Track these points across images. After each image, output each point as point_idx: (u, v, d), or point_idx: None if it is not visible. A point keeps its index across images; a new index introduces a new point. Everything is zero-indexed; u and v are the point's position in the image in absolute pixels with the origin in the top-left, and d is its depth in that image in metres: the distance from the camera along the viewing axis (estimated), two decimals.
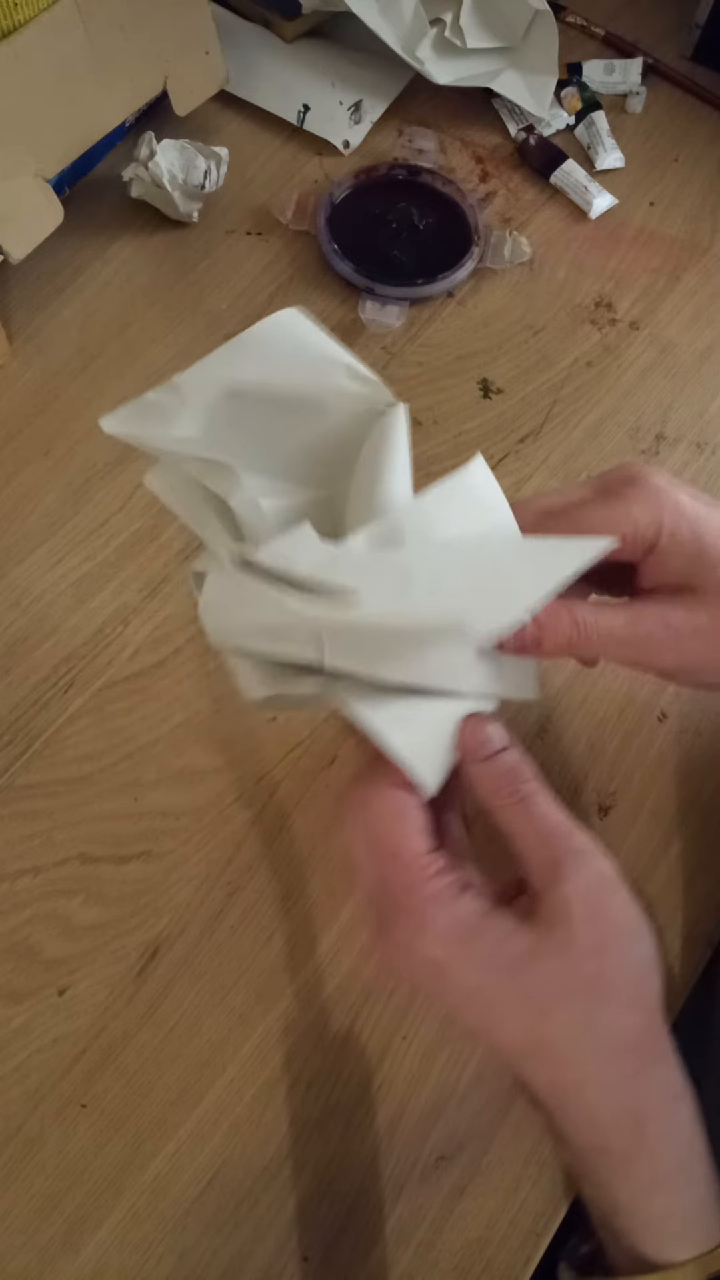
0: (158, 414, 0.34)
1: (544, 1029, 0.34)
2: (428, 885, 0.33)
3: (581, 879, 0.33)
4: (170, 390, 0.33)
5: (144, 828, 0.46)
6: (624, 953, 0.34)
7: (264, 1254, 0.40)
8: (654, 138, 0.68)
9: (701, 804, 0.49)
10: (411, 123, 0.67)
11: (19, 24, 0.51)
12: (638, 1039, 0.34)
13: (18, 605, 0.51)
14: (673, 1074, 0.35)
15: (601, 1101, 0.34)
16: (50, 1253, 0.40)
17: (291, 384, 0.34)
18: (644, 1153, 0.34)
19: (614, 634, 0.36)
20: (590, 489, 0.38)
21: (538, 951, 0.33)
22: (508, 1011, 0.34)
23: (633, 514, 0.35)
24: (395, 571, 0.32)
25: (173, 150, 0.59)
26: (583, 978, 0.33)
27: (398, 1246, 0.41)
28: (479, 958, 0.33)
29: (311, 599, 0.31)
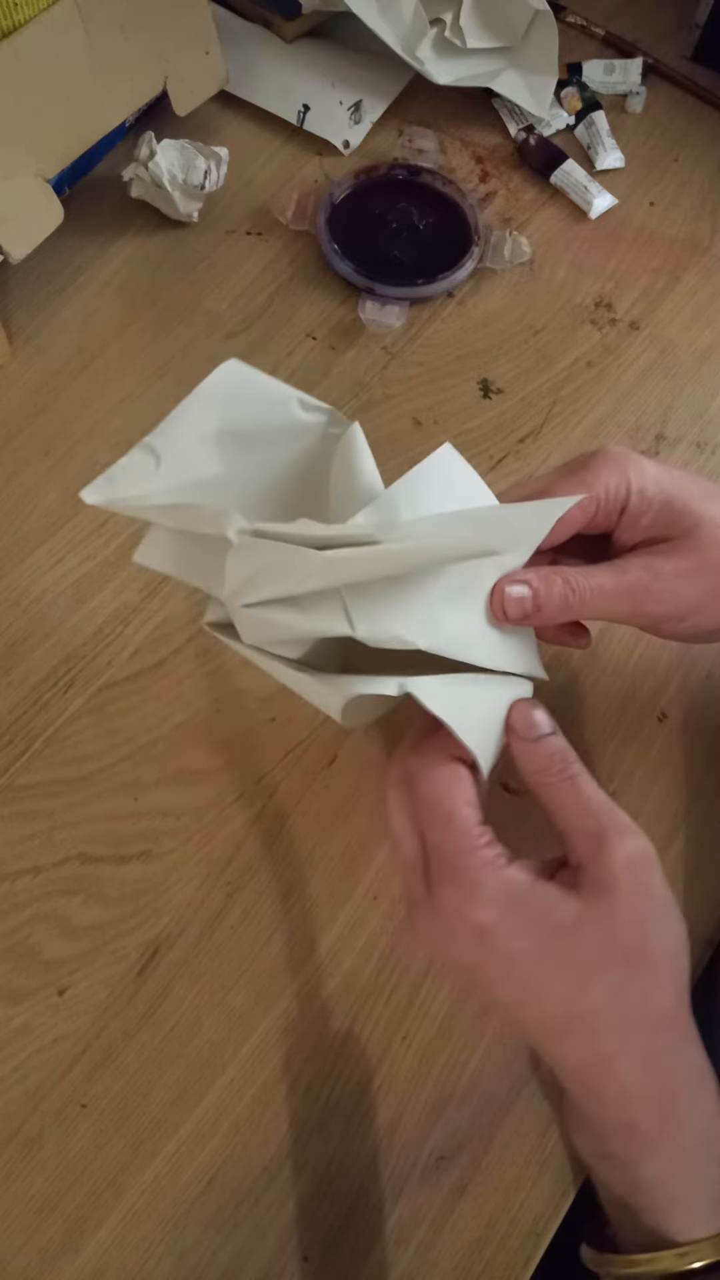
0: (135, 475, 0.36)
1: (583, 1000, 0.35)
2: (481, 851, 0.35)
3: (625, 852, 0.34)
4: (143, 450, 0.36)
5: (144, 828, 0.46)
6: (662, 928, 0.35)
7: (264, 1254, 0.40)
8: (654, 138, 0.68)
9: (702, 804, 0.49)
10: (411, 123, 0.67)
11: (19, 24, 0.51)
12: (672, 1016, 0.36)
13: (18, 605, 0.51)
14: (700, 1054, 0.36)
15: (634, 1075, 0.35)
16: (50, 1253, 0.40)
17: (252, 423, 0.38)
18: (672, 1127, 0.35)
19: (604, 588, 0.38)
20: (557, 471, 0.40)
21: (584, 918, 0.34)
22: (549, 980, 0.35)
23: (601, 477, 0.38)
24: (400, 530, 0.34)
25: (173, 150, 0.59)
26: (625, 947, 0.34)
27: (398, 1246, 0.41)
28: (526, 923, 0.34)
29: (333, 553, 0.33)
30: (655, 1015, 0.35)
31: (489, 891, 0.34)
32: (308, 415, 0.39)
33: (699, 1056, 0.36)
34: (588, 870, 0.35)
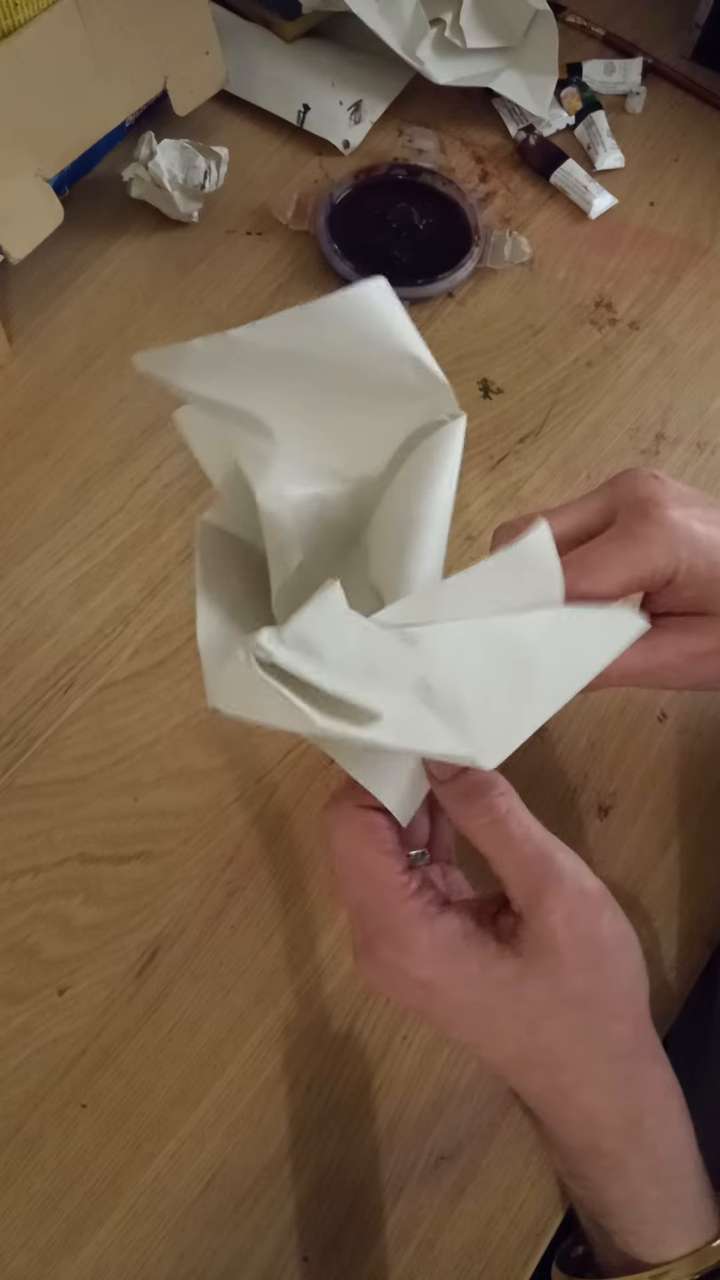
0: (201, 364, 0.30)
1: (536, 1041, 0.34)
2: (406, 905, 0.33)
3: (564, 908, 0.32)
4: (222, 342, 0.29)
5: (144, 828, 0.46)
6: (613, 970, 0.34)
7: (264, 1254, 0.40)
8: (654, 138, 0.68)
9: (701, 804, 0.49)
10: (411, 123, 0.67)
11: (19, 24, 0.51)
12: (630, 1046, 0.34)
13: (18, 605, 0.51)
14: (664, 1072, 0.35)
15: (597, 1102, 0.34)
16: (50, 1253, 0.40)
17: (354, 365, 0.31)
18: (639, 1150, 0.35)
19: (632, 668, 0.36)
20: (599, 506, 0.37)
21: (525, 974, 0.32)
22: (499, 1027, 0.34)
23: (651, 556, 0.35)
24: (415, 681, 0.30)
25: (173, 150, 0.59)
26: (572, 996, 0.33)
27: (398, 1246, 0.41)
28: (467, 977, 0.33)
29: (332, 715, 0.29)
30: (612, 1048, 0.34)
31: (423, 948, 0.33)
32: (417, 382, 0.31)
33: (663, 1076, 0.35)
34: (527, 925, 0.33)
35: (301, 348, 0.30)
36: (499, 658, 0.31)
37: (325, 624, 0.28)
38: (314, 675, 0.28)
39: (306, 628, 0.28)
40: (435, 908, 0.33)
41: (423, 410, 0.32)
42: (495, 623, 0.31)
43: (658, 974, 0.45)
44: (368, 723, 0.29)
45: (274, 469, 0.30)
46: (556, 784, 0.48)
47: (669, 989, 0.45)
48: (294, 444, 0.32)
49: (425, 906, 0.33)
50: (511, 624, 0.31)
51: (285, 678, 0.28)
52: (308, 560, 0.33)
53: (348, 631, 0.29)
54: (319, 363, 0.30)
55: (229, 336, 0.29)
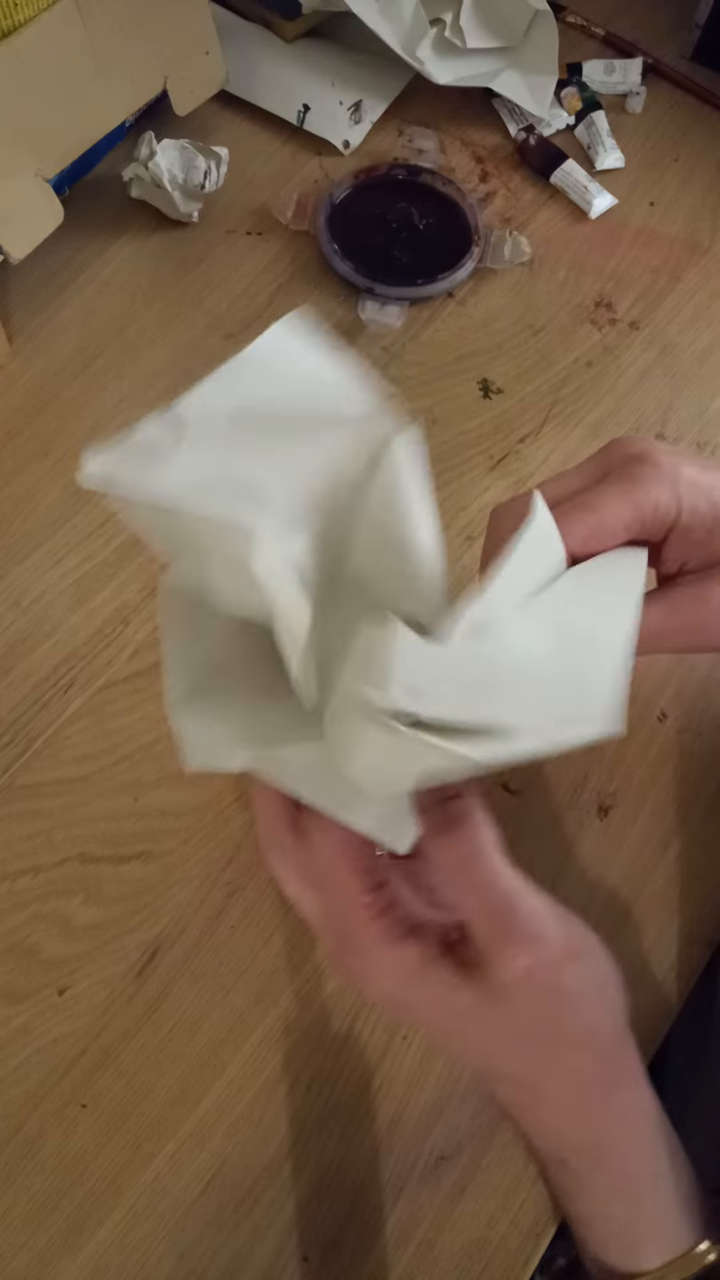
0: (153, 451, 0.29)
1: (497, 1064, 0.34)
2: (373, 926, 0.33)
3: (524, 965, 0.31)
4: (169, 421, 0.29)
5: (144, 828, 0.46)
6: (574, 1017, 0.33)
7: (264, 1254, 0.40)
8: (654, 138, 0.68)
9: (701, 804, 0.49)
10: (411, 123, 0.67)
11: (19, 24, 0.51)
12: (594, 1074, 0.34)
13: (18, 605, 0.51)
14: (632, 1096, 0.35)
15: (560, 1122, 0.35)
16: (50, 1253, 0.40)
17: (294, 407, 0.31)
18: (601, 1167, 0.35)
19: (652, 629, 0.35)
20: (594, 470, 0.36)
21: (481, 1012, 0.32)
22: (460, 1047, 0.34)
23: (652, 495, 0.34)
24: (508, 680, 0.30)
25: (173, 150, 0.59)
26: (529, 1035, 0.33)
27: (398, 1246, 0.41)
28: (425, 1001, 0.33)
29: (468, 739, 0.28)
30: (574, 1077, 0.34)
31: (384, 968, 0.33)
32: (352, 410, 0.31)
33: (631, 1100, 0.35)
34: (486, 971, 0.32)
35: (243, 402, 0.30)
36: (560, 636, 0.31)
37: (413, 661, 0.28)
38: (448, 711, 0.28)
39: (401, 673, 0.28)
40: (399, 930, 0.33)
41: (364, 435, 0.31)
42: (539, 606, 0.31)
43: (658, 974, 0.45)
44: (513, 738, 0.29)
45: (256, 539, 0.29)
46: (556, 784, 0.48)
47: (669, 989, 0.45)
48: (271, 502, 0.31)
49: (390, 927, 0.33)
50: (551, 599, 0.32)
51: (427, 728, 0.28)
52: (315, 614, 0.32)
53: (434, 660, 0.29)
54: (261, 414, 0.30)
55: (176, 413, 0.29)
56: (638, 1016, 0.44)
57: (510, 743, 0.29)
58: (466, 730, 0.28)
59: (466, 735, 0.28)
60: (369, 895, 0.33)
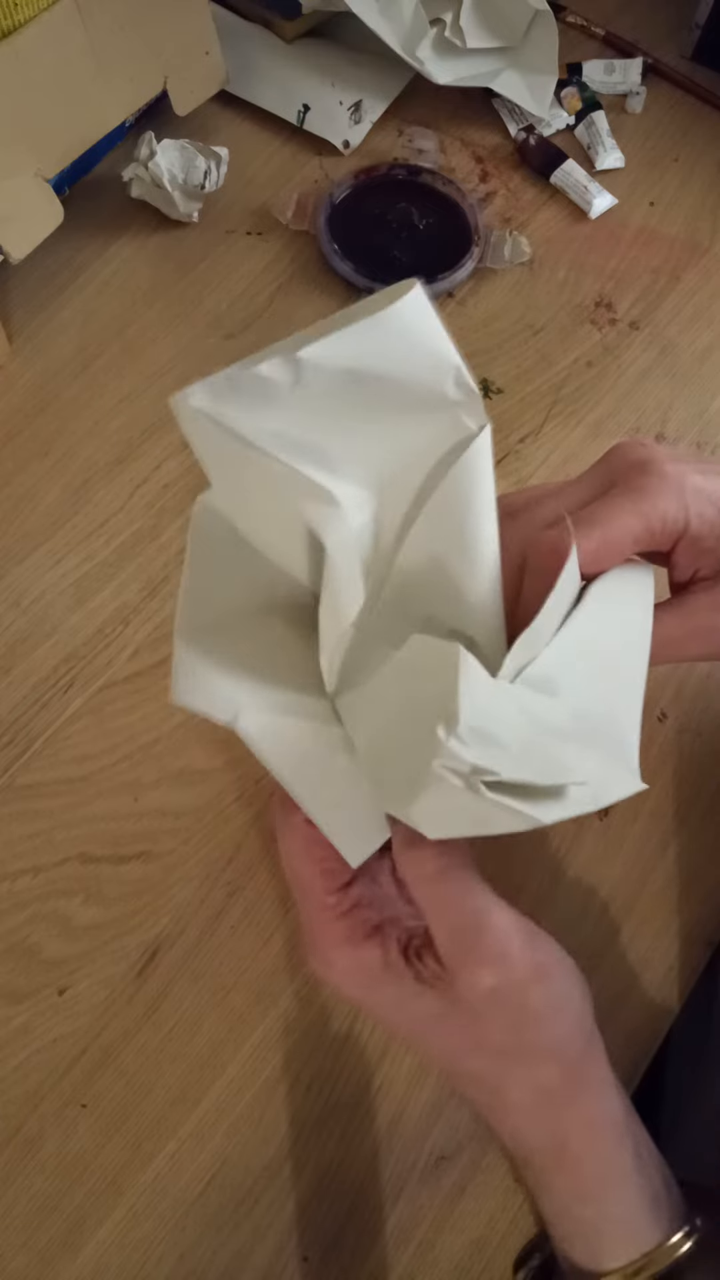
0: (262, 393, 0.27)
1: (460, 1067, 0.34)
2: (335, 926, 0.33)
3: (488, 984, 0.32)
4: (288, 366, 0.27)
5: (144, 828, 0.46)
6: (538, 1031, 0.33)
7: (264, 1254, 0.40)
8: (654, 138, 0.68)
9: (701, 804, 0.49)
10: (411, 123, 0.67)
11: (19, 24, 0.51)
12: (558, 1083, 0.34)
13: (18, 605, 0.51)
14: (598, 1102, 0.35)
15: (522, 1125, 0.35)
16: (50, 1253, 0.40)
17: (405, 379, 0.29)
18: (564, 1173, 0.35)
19: (669, 636, 0.35)
20: (598, 480, 0.36)
21: (445, 1019, 0.32)
22: (424, 1048, 0.34)
23: (659, 507, 0.34)
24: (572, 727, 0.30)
25: (173, 150, 0.59)
26: (493, 1046, 0.33)
27: (398, 1246, 0.41)
28: (383, 1004, 0.33)
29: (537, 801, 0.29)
30: (537, 1085, 0.34)
31: (343, 970, 0.33)
32: (455, 394, 0.30)
33: (596, 1107, 0.35)
34: (451, 984, 0.32)
35: (365, 365, 0.28)
36: (593, 660, 0.31)
37: (486, 706, 0.28)
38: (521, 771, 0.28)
39: (473, 716, 0.27)
40: (361, 932, 0.33)
41: (450, 423, 0.31)
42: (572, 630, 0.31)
43: (657, 974, 0.45)
44: (566, 795, 0.29)
45: (338, 511, 0.28)
46: None
47: (669, 989, 0.45)
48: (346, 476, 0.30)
49: (352, 930, 0.33)
50: (579, 624, 0.31)
51: (503, 787, 0.28)
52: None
53: (506, 704, 0.29)
54: (377, 379, 0.29)
55: (298, 359, 0.27)
56: (637, 1016, 0.45)
57: (566, 803, 0.29)
58: (534, 790, 0.28)
59: (535, 796, 0.28)
60: (333, 896, 0.33)
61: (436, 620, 0.33)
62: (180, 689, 0.32)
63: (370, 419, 0.30)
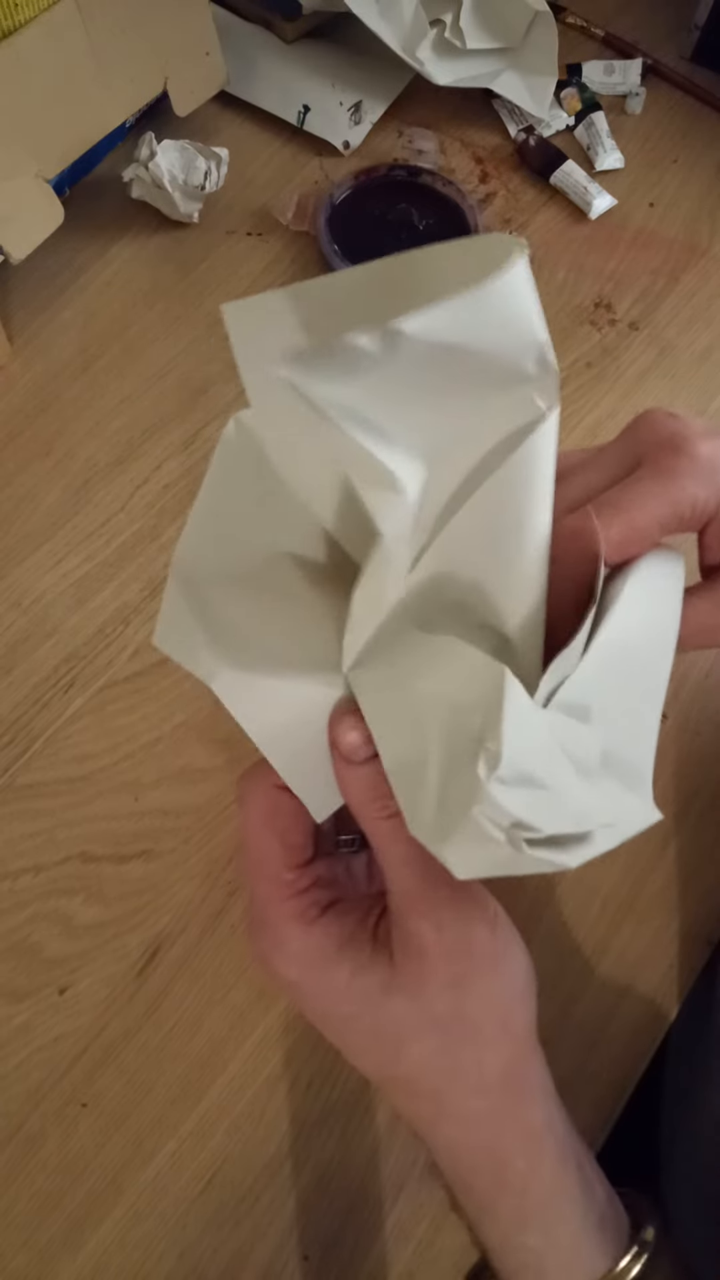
0: (356, 361, 0.25)
1: (397, 1067, 0.32)
2: (286, 904, 0.32)
3: (435, 914, 0.31)
4: (385, 338, 0.25)
5: (144, 827, 0.47)
6: (484, 989, 0.32)
7: (264, 1252, 0.40)
8: (653, 139, 0.68)
9: (701, 803, 0.49)
10: (411, 123, 0.67)
11: (19, 24, 0.51)
12: (501, 1076, 0.33)
13: (18, 605, 0.51)
14: (538, 1110, 0.34)
15: (462, 1137, 0.33)
16: (51, 1251, 0.40)
17: (493, 354, 0.27)
18: (507, 1193, 0.33)
19: (703, 623, 0.33)
20: (623, 455, 0.34)
21: (389, 988, 0.31)
22: (361, 1045, 0.33)
23: (689, 491, 0.31)
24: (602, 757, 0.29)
25: (173, 151, 0.59)
26: (437, 1016, 0.31)
27: (398, 1245, 0.41)
28: (331, 989, 0.32)
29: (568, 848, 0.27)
30: (478, 1079, 0.32)
31: (292, 950, 0.32)
32: (535, 371, 0.28)
33: (535, 1115, 0.33)
34: (400, 929, 0.31)
35: (461, 340, 0.26)
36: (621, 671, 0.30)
37: (527, 739, 0.27)
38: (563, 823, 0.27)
39: (517, 757, 0.26)
40: (316, 910, 0.32)
41: (521, 400, 0.28)
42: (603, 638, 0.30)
43: (657, 973, 0.46)
44: (592, 836, 0.28)
45: (402, 497, 0.27)
46: None
47: (668, 988, 0.45)
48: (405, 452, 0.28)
49: (305, 908, 0.32)
50: (610, 631, 0.30)
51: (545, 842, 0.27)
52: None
53: (544, 736, 0.27)
54: (467, 355, 0.26)
55: (401, 333, 0.24)
56: (636, 1015, 0.45)
57: (592, 845, 0.28)
58: (566, 838, 0.27)
59: (566, 844, 0.27)
60: (291, 873, 0.32)
61: (469, 608, 0.31)
62: (162, 632, 0.31)
63: (446, 393, 0.27)
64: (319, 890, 0.33)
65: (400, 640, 0.30)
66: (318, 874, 0.33)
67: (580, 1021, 0.44)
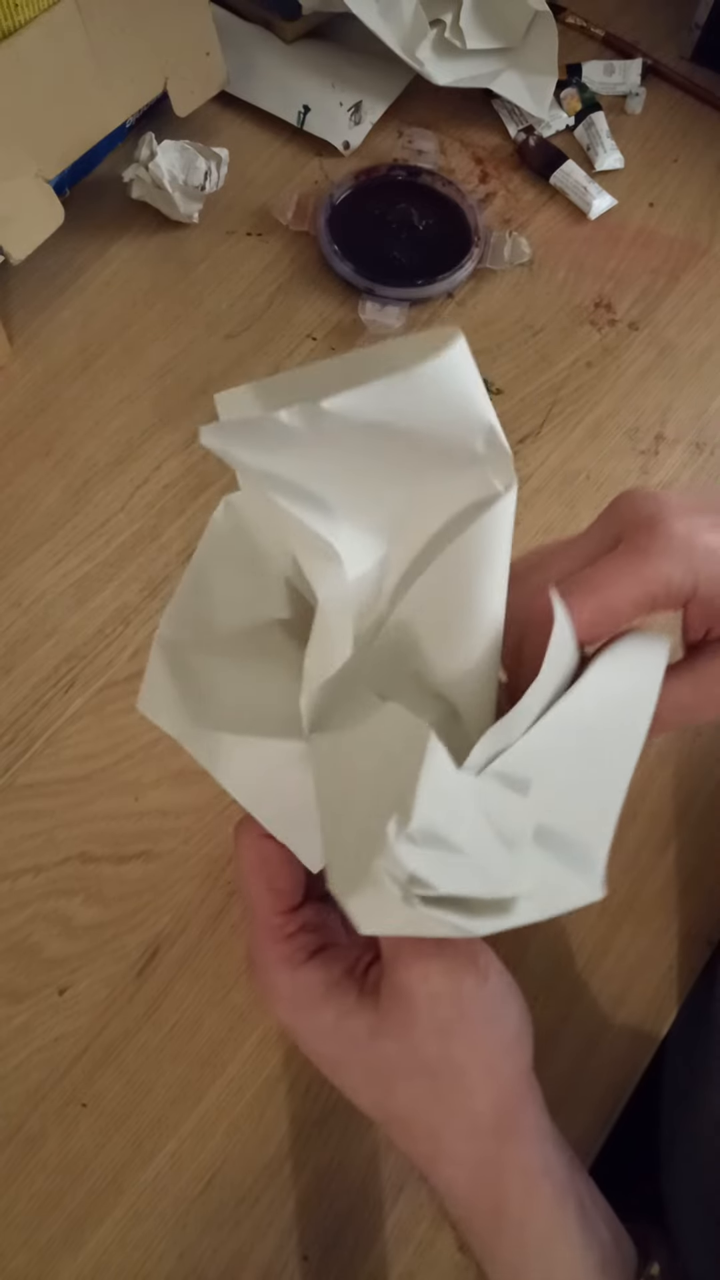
0: (278, 439, 0.26)
1: (390, 1105, 0.33)
2: (275, 948, 0.32)
3: (425, 962, 0.31)
4: (309, 414, 0.26)
5: (144, 827, 0.46)
6: (471, 1036, 0.32)
7: (264, 1253, 0.40)
8: (653, 138, 0.68)
9: (700, 804, 0.49)
10: (411, 123, 0.67)
11: (20, 25, 0.51)
12: (491, 1123, 0.33)
13: (18, 605, 0.51)
14: (535, 1152, 0.33)
15: (459, 1178, 0.33)
16: (51, 1251, 0.40)
17: (432, 435, 0.27)
18: (506, 1237, 0.33)
19: (682, 702, 0.33)
20: (601, 535, 0.33)
21: (377, 1032, 0.31)
22: (354, 1083, 0.33)
23: (662, 571, 0.31)
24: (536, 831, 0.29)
25: (173, 151, 0.59)
26: (424, 1060, 0.31)
27: (397, 1245, 0.41)
28: (321, 1030, 0.32)
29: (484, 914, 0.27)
30: (470, 1123, 0.32)
31: (282, 992, 0.32)
32: (484, 451, 0.28)
33: (531, 1157, 0.33)
34: (388, 977, 0.31)
35: (393, 420, 0.26)
36: (576, 749, 0.29)
37: (444, 801, 0.27)
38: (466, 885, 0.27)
39: (429, 817, 0.26)
40: (304, 954, 0.32)
41: (476, 478, 0.29)
42: (559, 711, 0.29)
43: (656, 974, 0.46)
44: (513, 907, 0.28)
45: (339, 566, 0.27)
46: None
47: (668, 989, 0.45)
48: (350, 524, 0.29)
49: (293, 952, 0.32)
50: (567, 706, 0.30)
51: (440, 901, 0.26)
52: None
53: (465, 801, 0.27)
54: (400, 434, 0.27)
55: (320, 409, 0.25)
56: (636, 1016, 0.45)
57: (510, 916, 0.28)
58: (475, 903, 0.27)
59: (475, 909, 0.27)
60: (279, 917, 0.33)
61: (423, 678, 0.32)
62: (145, 698, 0.32)
63: (390, 471, 0.28)
64: (306, 935, 0.33)
65: (358, 705, 0.31)
66: (305, 919, 0.33)
67: (580, 1022, 0.44)
